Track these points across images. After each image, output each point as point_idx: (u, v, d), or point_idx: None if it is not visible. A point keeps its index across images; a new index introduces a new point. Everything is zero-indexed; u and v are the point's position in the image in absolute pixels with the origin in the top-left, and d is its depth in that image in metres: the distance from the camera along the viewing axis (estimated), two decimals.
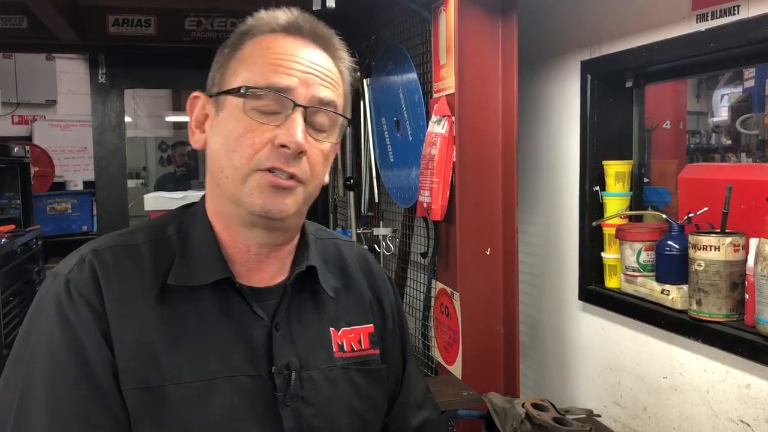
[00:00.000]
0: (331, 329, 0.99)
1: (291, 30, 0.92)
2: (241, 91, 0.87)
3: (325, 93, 0.90)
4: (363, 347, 1.02)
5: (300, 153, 0.87)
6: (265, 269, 0.96)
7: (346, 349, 1.00)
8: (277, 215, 0.88)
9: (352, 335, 1.02)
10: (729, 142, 5.25)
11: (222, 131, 0.90)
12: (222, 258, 0.92)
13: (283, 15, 0.92)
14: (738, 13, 1.47)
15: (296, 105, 0.87)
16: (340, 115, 0.93)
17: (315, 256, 1.01)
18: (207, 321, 0.90)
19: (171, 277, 0.89)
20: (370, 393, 1.01)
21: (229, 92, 0.89)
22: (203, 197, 0.98)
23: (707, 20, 1.55)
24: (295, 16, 0.93)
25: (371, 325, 1.05)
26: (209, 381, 0.87)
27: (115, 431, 0.83)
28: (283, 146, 0.86)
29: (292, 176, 0.87)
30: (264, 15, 0.93)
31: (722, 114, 5.13)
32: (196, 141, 0.95)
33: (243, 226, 0.92)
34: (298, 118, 0.87)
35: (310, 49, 0.91)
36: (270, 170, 0.87)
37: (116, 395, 0.83)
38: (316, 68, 0.90)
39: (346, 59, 0.97)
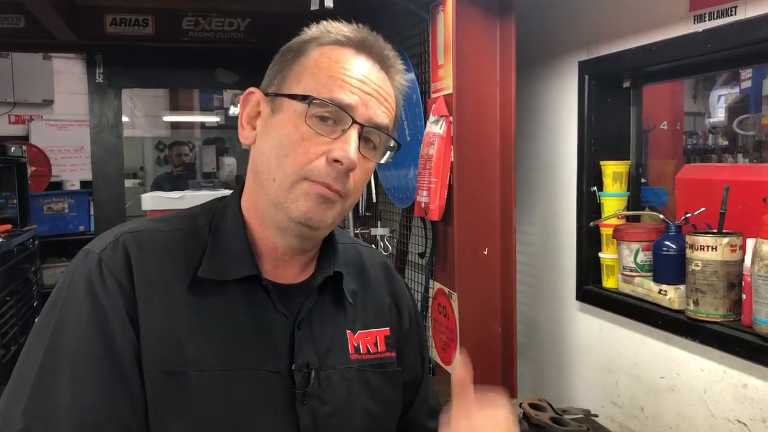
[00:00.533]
0: (348, 331, 1.01)
1: (360, 48, 0.93)
2: (306, 100, 0.88)
3: (381, 117, 0.92)
4: (379, 350, 1.03)
5: (350, 170, 0.89)
6: (290, 268, 0.98)
7: (362, 351, 1.01)
8: (316, 224, 0.90)
9: (368, 338, 1.03)
10: (726, 142, 5.27)
11: (277, 133, 0.90)
12: (251, 254, 0.94)
13: (352, 30, 0.94)
14: (735, 14, 1.47)
15: (354, 122, 0.89)
16: (391, 137, 0.94)
17: (339, 261, 1.02)
18: (233, 314, 0.91)
19: (201, 270, 0.90)
20: (385, 395, 1.02)
21: (292, 97, 0.90)
22: (234, 192, 1.00)
23: (705, 21, 1.56)
24: (365, 34, 0.94)
25: (388, 328, 1.06)
26: (231, 371, 0.88)
27: (131, 410, 0.83)
28: (337, 161, 0.87)
29: (337, 192, 0.89)
30: (331, 26, 0.94)
31: (719, 115, 5.14)
32: (245, 137, 0.96)
33: (277, 229, 0.93)
34: (354, 134, 0.89)
35: (375, 70, 0.93)
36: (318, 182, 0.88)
37: (136, 376, 0.84)
38: (378, 90, 0.92)
39: (403, 85, 0.99)
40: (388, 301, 1.09)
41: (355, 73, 0.91)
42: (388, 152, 0.96)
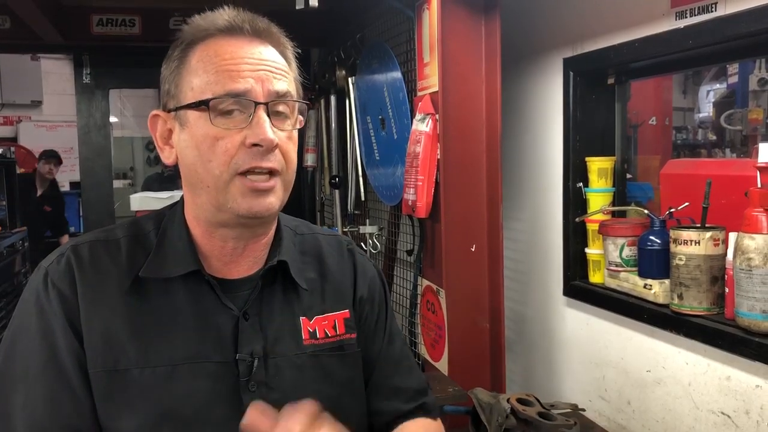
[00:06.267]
0: (302, 318, 1.03)
1: (231, 31, 0.94)
2: (204, 104, 0.90)
3: (280, 85, 0.94)
4: (338, 332, 1.06)
5: (273, 147, 0.92)
6: (241, 263, 1.00)
7: (318, 336, 1.03)
8: (264, 214, 0.93)
9: (326, 322, 1.05)
10: (714, 137, 5.30)
11: (192, 143, 0.93)
12: (194, 252, 0.97)
13: (220, 17, 0.95)
14: (715, 10, 1.49)
15: (257, 104, 0.91)
16: (296, 101, 0.97)
17: (289, 249, 1.05)
18: (176, 311, 0.95)
19: (143, 270, 0.95)
20: (344, 378, 1.05)
21: (189, 107, 0.92)
22: (182, 198, 1.02)
23: (686, 17, 1.57)
24: (233, 15, 0.95)
25: (347, 310, 1.08)
26: (174, 366, 0.93)
27: (76, 412, 0.90)
28: (256, 145, 0.90)
29: (270, 171, 0.92)
30: (200, 21, 0.96)
31: (707, 110, 5.18)
32: (167, 157, 0.99)
33: (226, 227, 0.96)
34: (262, 115, 0.91)
35: (254, 46, 0.94)
36: (249, 172, 0.91)
37: (80, 379, 0.90)
38: (266, 64, 0.94)
39: (289, 44, 1.00)
40: (348, 283, 1.11)
41: (238, 58, 0.92)
42: (301, 115, 0.99)
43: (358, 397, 1.08)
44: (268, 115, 0.91)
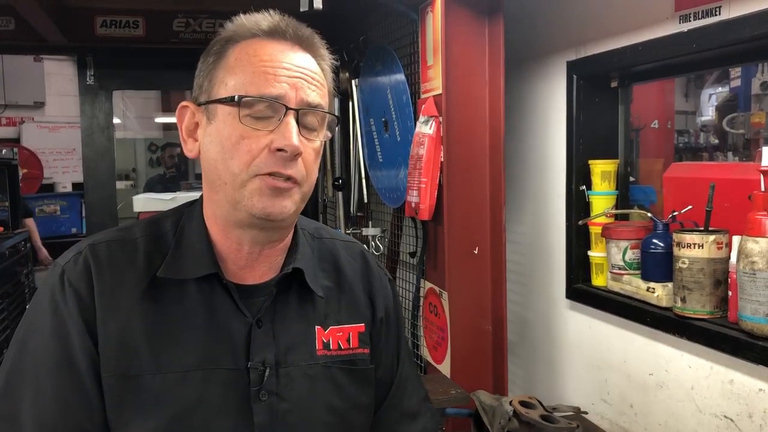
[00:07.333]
0: (317, 327, 1.01)
1: (274, 34, 0.94)
2: (235, 100, 0.89)
3: (313, 96, 0.93)
4: (351, 346, 1.04)
5: (296, 155, 0.90)
6: (257, 268, 0.98)
7: (332, 347, 1.02)
8: (277, 217, 0.91)
9: (341, 334, 1.03)
10: (716, 141, 5.29)
11: (217, 139, 0.92)
12: (212, 254, 0.95)
13: (264, 19, 0.94)
14: (719, 14, 1.49)
15: (288, 109, 0.90)
16: (327, 113, 0.96)
17: (306, 256, 1.03)
18: (191, 315, 0.93)
19: (161, 270, 0.93)
20: (354, 392, 1.02)
21: (221, 101, 0.91)
22: (201, 197, 1.01)
23: (690, 21, 1.57)
24: (277, 20, 0.94)
25: (362, 324, 1.06)
26: (186, 372, 0.91)
27: (87, 415, 0.88)
28: (281, 150, 0.89)
29: (289, 178, 0.90)
30: (244, 20, 0.95)
31: (710, 113, 5.17)
32: (189, 150, 0.98)
33: (240, 227, 0.94)
34: (291, 121, 0.90)
35: (294, 52, 0.94)
36: (268, 175, 0.89)
37: (92, 382, 0.89)
38: (303, 72, 0.93)
39: (328, 57, 0.99)
40: (364, 296, 1.09)
41: (277, 62, 0.91)
42: (329, 128, 0.98)
43: (366, 416, 1.06)
44: (297, 123, 0.90)
